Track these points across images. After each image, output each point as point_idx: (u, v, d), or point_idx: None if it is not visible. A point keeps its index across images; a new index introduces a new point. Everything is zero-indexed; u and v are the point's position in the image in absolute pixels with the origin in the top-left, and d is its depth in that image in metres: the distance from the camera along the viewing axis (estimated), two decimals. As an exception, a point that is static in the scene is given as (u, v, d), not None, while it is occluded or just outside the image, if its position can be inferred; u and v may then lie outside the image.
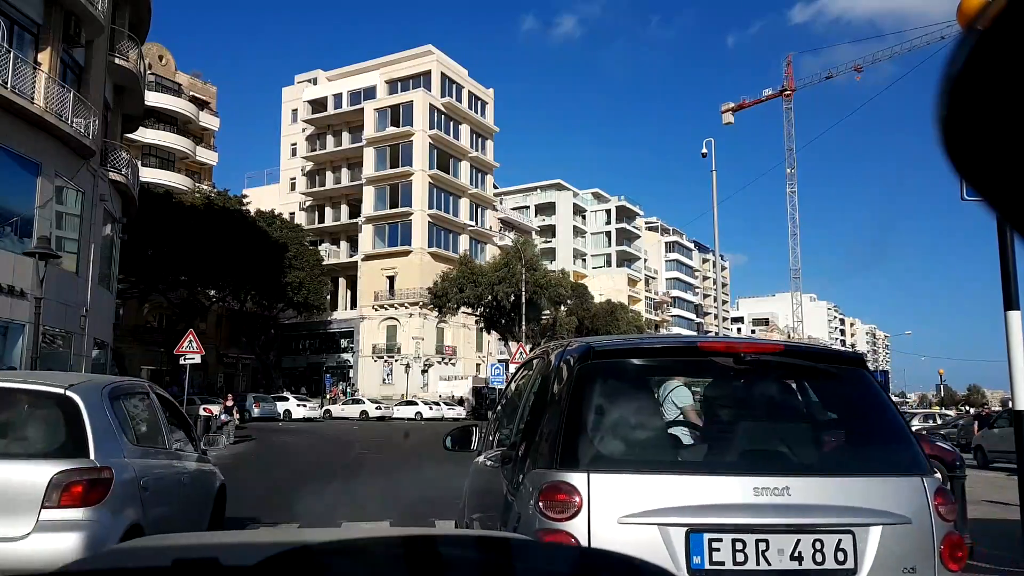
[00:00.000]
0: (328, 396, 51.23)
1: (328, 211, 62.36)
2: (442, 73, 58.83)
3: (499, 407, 4.14)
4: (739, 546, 2.31)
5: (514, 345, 41.60)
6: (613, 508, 2.34)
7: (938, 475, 2.81)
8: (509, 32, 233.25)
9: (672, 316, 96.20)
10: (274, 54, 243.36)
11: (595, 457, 2.46)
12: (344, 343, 59.41)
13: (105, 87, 19.30)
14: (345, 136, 61.59)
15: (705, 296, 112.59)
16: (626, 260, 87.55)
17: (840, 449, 2.75)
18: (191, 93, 57.72)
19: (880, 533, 2.37)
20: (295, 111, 64.76)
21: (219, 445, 19.43)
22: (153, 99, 54.56)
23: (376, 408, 38.93)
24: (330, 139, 62.39)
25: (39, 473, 3.86)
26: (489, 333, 40.17)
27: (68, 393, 4.16)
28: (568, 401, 2.57)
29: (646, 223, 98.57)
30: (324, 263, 58.46)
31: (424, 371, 55.13)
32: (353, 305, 58.89)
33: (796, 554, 2.31)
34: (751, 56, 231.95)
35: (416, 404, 43.60)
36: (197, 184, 53.04)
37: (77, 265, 17.63)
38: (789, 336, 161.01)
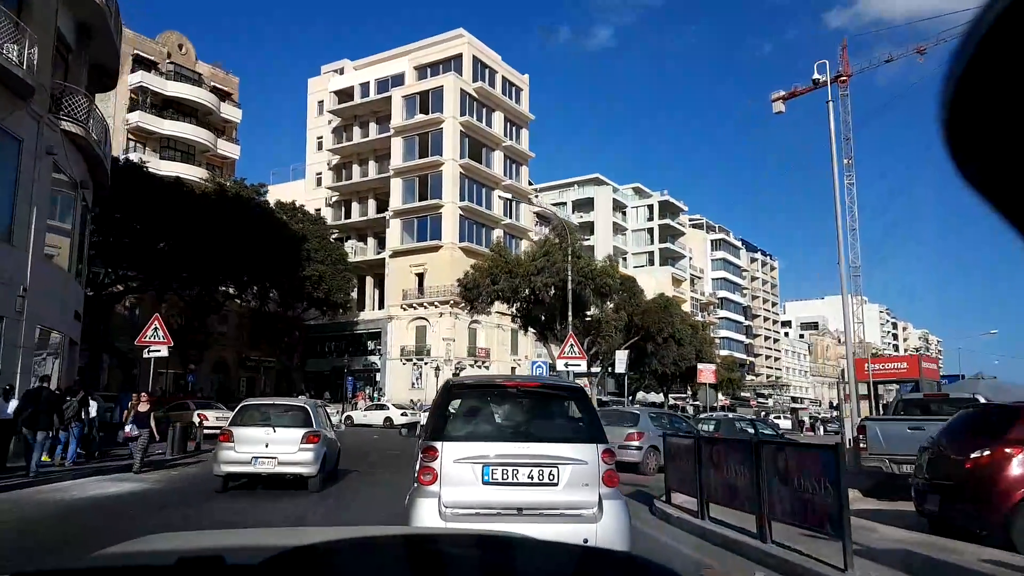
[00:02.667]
0: (352, 401, 47.70)
1: (355, 207, 59.11)
2: (474, 56, 55.15)
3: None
4: (504, 471, 5.03)
5: (555, 347, 37.38)
6: (451, 456, 5.06)
7: (608, 442, 5.37)
8: (543, 33, 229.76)
9: (719, 319, 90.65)
10: (300, 45, 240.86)
11: (446, 434, 5.25)
12: (371, 345, 55.93)
13: (58, 16, 15.80)
14: (372, 127, 58.32)
15: (753, 298, 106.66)
16: (670, 258, 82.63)
17: (561, 429, 5.55)
18: (212, 83, 55.07)
19: (570, 468, 5.08)
20: (321, 103, 61.82)
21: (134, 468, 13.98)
22: (172, 89, 52.06)
23: (402, 414, 35.10)
24: (357, 130, 59.20)
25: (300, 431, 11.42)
26: (526, 332, 35.95)
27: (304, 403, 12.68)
28: (436, 406, 5.75)
29: (690, 220, 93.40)
30: (350, 260, 55.19)
31: (456, 374, 51.23)
32: (381, 305, 55.42)
33: (530, 475, 5.04)
34: (789, 58, 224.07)
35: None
36: (218, 178, 50.16)
37: (10, 229, 14.06)
38: (839, 341, 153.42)
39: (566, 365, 17.52)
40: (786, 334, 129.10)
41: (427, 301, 52.03)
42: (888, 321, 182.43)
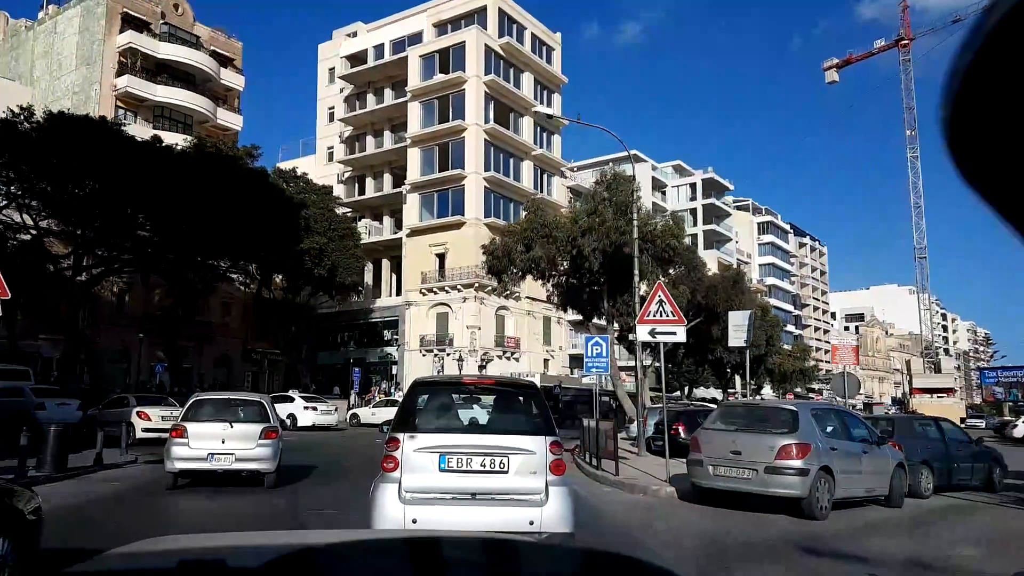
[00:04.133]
0: (365, 396, 42.08)
1: (369, 183, 53.44)
2: (500, 9, 49.01)
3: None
4: (459, 459, 5.51)
5: (600, 327, 31.10)
6: (412, 446, 5.57)
7: (556, 434, 5.91)
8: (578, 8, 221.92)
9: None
10: (310, 8, 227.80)
11: (408, 426, 5.78)
12: (387, 335, 50.24)
13: None
14: (388, 93, 52.56)
15: (802, 285, 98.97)
16: (715, 241, 75.70)
17: (513, 422, 6.03)
18: (212, 48, 49.79)
19: (520, 457, 5.54)
20: (332, 70, 56.25)
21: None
22: (166, 51, 46.66)
23: (416, 412, 29.33)
24: (371, 98, 53.48)
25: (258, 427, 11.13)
26: (565, 310, 29.72)
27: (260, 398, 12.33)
28: (405, 402, 6.27)
29: (735, 202, 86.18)
30: (364, 242, 49.60)
31: (482, 367, 45.28)
32: (399, 292, 49.66)
33: (482, 463, 5.48)
34: (846, 27, 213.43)
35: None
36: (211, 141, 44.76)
37: None
38: (887, 332, 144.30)
39: (652, 333, 11.34)
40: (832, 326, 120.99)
41: (448, 284, 46.14)
42: (938, 312, 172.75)
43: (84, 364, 35.43)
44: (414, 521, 5.24)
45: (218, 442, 10.72)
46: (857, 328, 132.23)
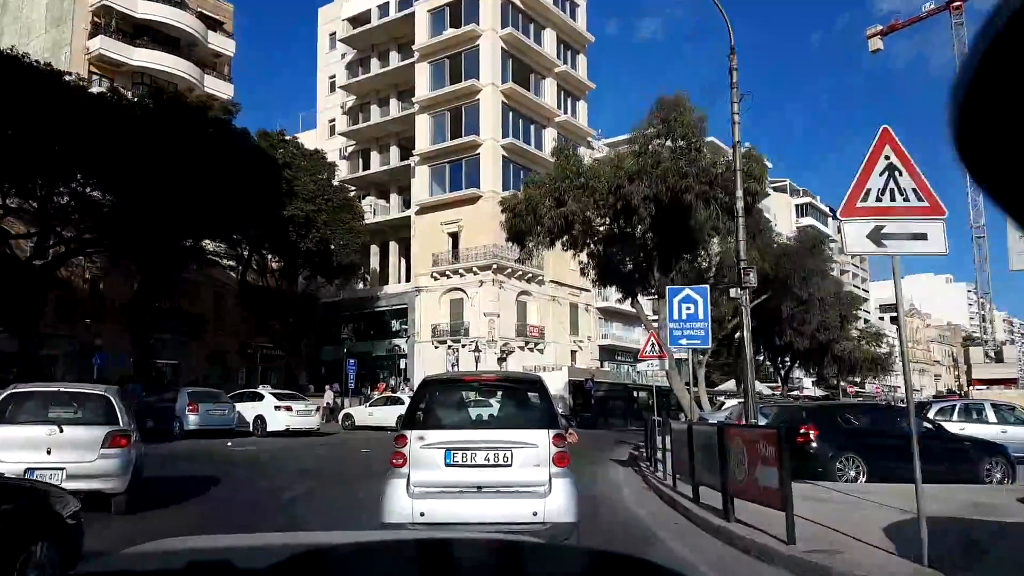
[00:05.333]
0: (368, 392, 36.89)
1: (374, 157, 48.18)
2: (517, -44, 43.44)
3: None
4: (465, 454, 5.51)
5: (647, 306, 25.52)
6: (418, 443, 5.53)
7: (561, 426, 5.84)
8: None
9: (809, 295, 76.94)
10: None
11: (415, 424, 5.76)
12: (396, 325, 44.97)
13: None
14: (393, 57, 47.24)
15: (842, 272, 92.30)
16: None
17: (516, 417, 6.05)
18: (199, 9, 44.80)
19: (522, 450, 5.51)
20: (333, 35, 51.07)
21: None
22: (145, 10, 41.60)
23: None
24: (375, 63, 48.18)
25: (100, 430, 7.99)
26: (603, 286, 24.20)
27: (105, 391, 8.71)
28: (412, 400, 6.43)
29: (772, 183, 79.74)
30: (368, 221, 44.44)
31: (501, 359, 39.88)
32: (408, 278, 44.35)
33: (487, 456, 5.50)
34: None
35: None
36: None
37: None
38: (927, 325, 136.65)
39: (878, 235, 5.27)
40: (867, 312, 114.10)
41: (463, 267, 40.74)
42: (976, 301, 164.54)
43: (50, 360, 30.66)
44: (422, 514, 5.35)
45: (41, 452, 7.76)
46: (893, 319, 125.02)
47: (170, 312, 34.27)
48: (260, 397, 20.71)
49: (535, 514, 5.30)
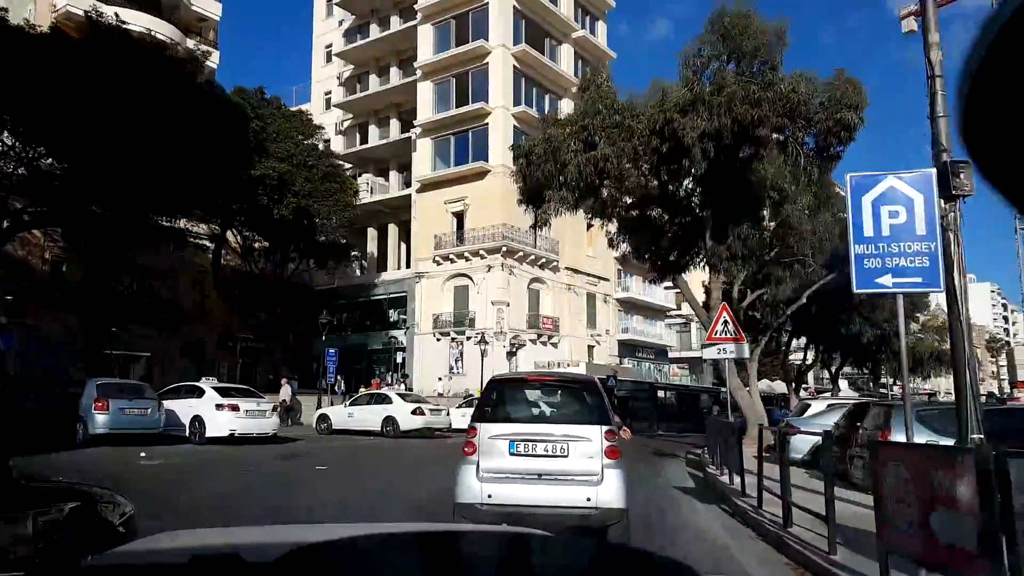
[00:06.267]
0: (354, 390, 32.57)
1: (373, 131, 43.89)
2: (531, -94, 39.02)
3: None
4: (527, 445, 5.99)
5: (704, 278, 21.15)
6: (487, 434, 6.09)
7: (615, 423, 6.34)
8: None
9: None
10: None
11: (484, 417, 6.31)
12: (394, 315, 40.66)
13: None
14: (394, 21, 42.89)
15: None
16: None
17: (572, 414, 6.40)
18: (181, -33, 40.71)
19: (579, 443, 5.97)
20: (330, 0, 46.84)
21: None
22: (119, -35, 37.91)
23: (416, 411, 19.45)
24: (374, 29, 43.86)
25: None
26: (639, 260, 19.83)
27: None
28: (482, 397, 6.90)
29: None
30: (365, 200, 40.28)
31: (511, 353, 35.54)
32: (408, 264, 40.03)
33: (546, 448, 5.96)
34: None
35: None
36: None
37: None
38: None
39: None
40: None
41: (469, 250, 36.40)
42: (999, 303, 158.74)
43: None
44: (489, 496, 5.89)
45: None
46: (918, 319, 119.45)
47: (133, 298, 30.06)
48: (199, 393, 16.26)
49: (588, 500, 5.90)
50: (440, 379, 34.62)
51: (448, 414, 20.92)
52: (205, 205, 24.58)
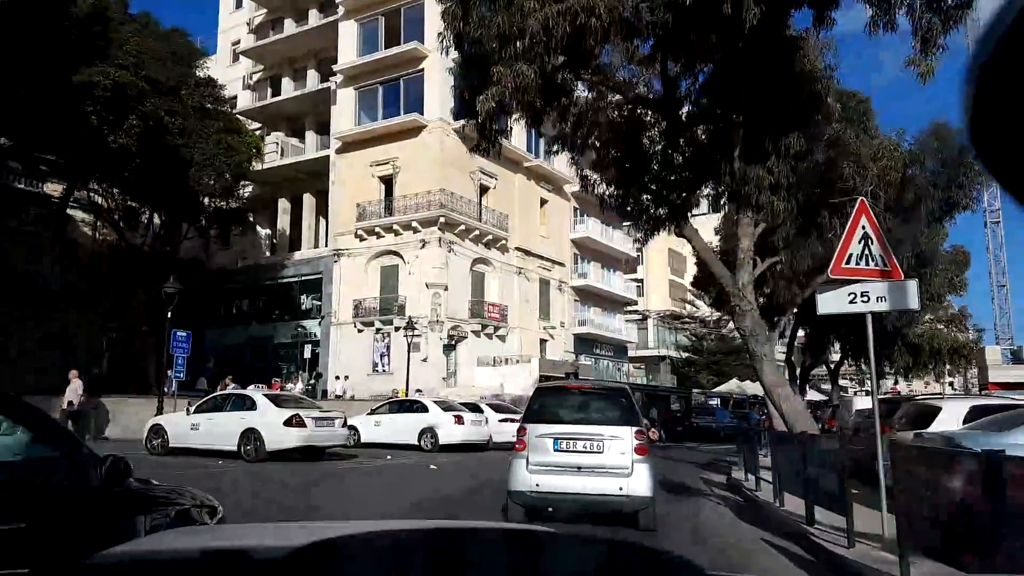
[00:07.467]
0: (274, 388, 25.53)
1: (286, 84, 36.91)
2: None
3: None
4: (568, 443, 7.36)
5: (745, 239, 15.25)
6: (535, 432, 7.48)
7: (643, 424, 7.83)
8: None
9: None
10: None
11: (532, 418, 7.69)
12: (307, 302, 33.78)
13: None
14: (315, -46, 36.07)
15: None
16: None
17: (606, 416, 7.56)
18: None
19: (612, 441, 7.31)
20: (240, -67, 39.62)
21: None
22: None
23: (293, 421, 12.93)
24: (290, -36, 36.89)
25: None
26: (624, 203, 13.54)
27: None
28: (529, 401, 8.35)
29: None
30: (275, 163, 33.54)
31: (450, 347, 29.27)
32: (327, 243, 33.17)
33: (584, 446, 7.34)
34: None
35: (425, 411, 18.25)
36: None
37: None
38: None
39: None
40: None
41: (399, 222, 29.94)
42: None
43: None
44: (537, 485, 7.19)
45: None
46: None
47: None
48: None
49: (620, 489, 7.13)
50: (338, 378, 28.01)
51: (346, 424, 14.41)
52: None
